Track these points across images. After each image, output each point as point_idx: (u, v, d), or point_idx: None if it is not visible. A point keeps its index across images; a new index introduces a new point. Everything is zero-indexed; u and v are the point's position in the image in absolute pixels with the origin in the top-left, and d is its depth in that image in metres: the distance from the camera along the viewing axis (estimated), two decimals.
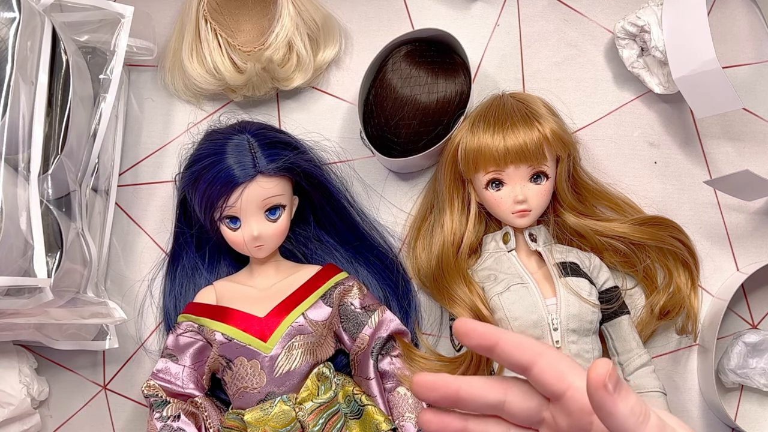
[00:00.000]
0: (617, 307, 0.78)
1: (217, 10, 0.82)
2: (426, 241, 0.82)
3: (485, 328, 0.42)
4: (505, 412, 0.43)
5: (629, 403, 0.37)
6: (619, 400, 0.36)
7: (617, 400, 0.36)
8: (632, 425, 0.37)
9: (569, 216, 0.80)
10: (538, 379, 0.41)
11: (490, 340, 0.42)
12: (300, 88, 0.86)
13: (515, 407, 0.43)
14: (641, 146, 0.86)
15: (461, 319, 0.42)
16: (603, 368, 0.36)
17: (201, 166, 0.75)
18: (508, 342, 0.41)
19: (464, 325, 0.42)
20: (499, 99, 0.79)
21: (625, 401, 0.37)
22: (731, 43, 0.86)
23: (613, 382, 0.36)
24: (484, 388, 0.43)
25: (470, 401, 0.43)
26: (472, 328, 0.42)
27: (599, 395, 0.36)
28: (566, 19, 0.87)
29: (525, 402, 0.43)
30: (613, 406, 0.36)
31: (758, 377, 0.81)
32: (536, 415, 0.42)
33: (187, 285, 0.83)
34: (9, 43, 0.65)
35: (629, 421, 0.36)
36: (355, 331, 0.78)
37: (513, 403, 0.43)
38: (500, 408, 0.43)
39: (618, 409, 0.36)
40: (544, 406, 0.42)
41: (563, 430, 0.41)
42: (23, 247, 0.65)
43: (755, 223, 0.86)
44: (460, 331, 0.42)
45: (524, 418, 0.43)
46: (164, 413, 0.74)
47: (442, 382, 0.43)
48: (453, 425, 0.44)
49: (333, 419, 0.74)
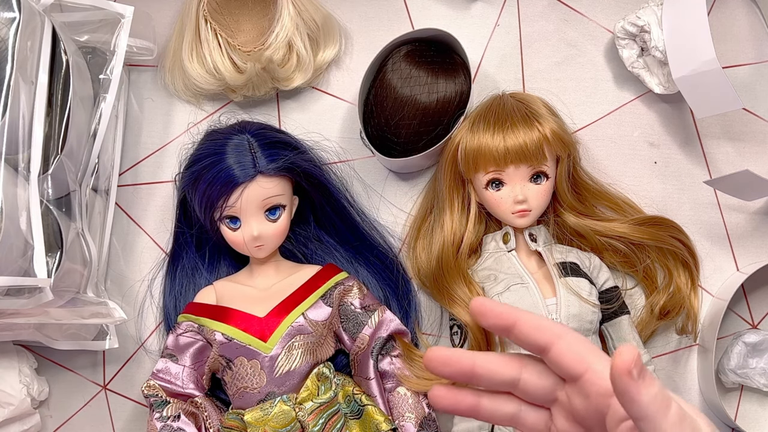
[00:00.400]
0: (617, 307, 0.78)
1: (217, 10, 0.82)
2: (426, 241, 0.82)
3: (503, 308, 0.41)
4: (519, 390, 0.43)
5: (652, 390, 0.37)
6: (642, 387, 0.36)
7: (641, 387, 0.36)
8: (654, 412, 0.36)
9: (569, 216, 0.80)
10: (556, 360, 0.40)
11: (508, 320, 0.41)
12: (300, 88, 0.86)
13: (530, 385, 0.43)
14: (641, 146, 0.86)
15: (478, 298, 0.42)
16: (629, 355, 0.36)
17: (201, 166, 0.75)
18: (527, 323, 0.41)
19: (481, 304, 0.42)
20: (499, 99, 0.79)
21: (649, 389, 0.36)
22: (731, 43, 0.86)
23: (638, 369, 0.36)
24: (499, 364, 0.43)
25: (485, 377, 0.43)
26: (490, 308, 0.41)
27: (623, 381, 0.36)
28: (566, 19, 0.87)
29: (540, 381, 0.42)
30: (637, 393, 0.36)
31: (758, 377, 0.81)
32: (550, 394, 0.42)
33: (187, 285, 0.83)
34: (9, 43, 0.65)
35: (651, 409, 0.36)
36: (355, 331, 0.78)
37: (528, 381, 0.43)
38: (514, 385, 0.43)
39: (641, 396, 0.36)
40: (559, 385, 0.42)
41: (578, 412, 0.41)
42: (23, 247, 0.65)
43: (755, 223, 0.86)
44: (477, 311, 0.42)
45: (538, 396, 0.43)
46: (164, 413, 0.74)
47: (456, 356, 0.42)
48: (466, 401, 0.44)
49: (333, 419, 0.74)
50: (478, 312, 0.42)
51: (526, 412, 0.44)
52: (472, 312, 0.42)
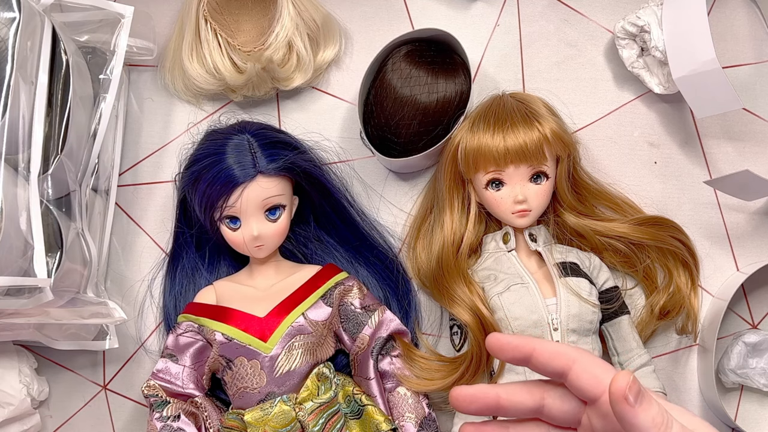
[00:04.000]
0: (617, 307, 0.78)
1: (217, 10, 0.82)
2: (426, 241, 0.82)
3: (519, 340, 0.43)
4: (544, 415, 0.44)
5: (650, 413, 0.38)
6: (640, 411, 0.38)
7: (638, 411, 0.37)
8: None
9: (569, 216, 0.80)
10: (574, 384, 0.42)
11: (525, 351, 0.43)
12: (300, 88, 0.86)
13: (554, 410, 0.44)
14: (641, 146, 0.86)
15: (494, 335, 0.43)
16: (623, 380, 0.37)
17: (201, 166, 0.75)
18: (544, 351, 0.42)
19: (498, 340, 0.43)
20: (499, 99, 0.79)
21: (646, 412, 0.38)
22: (731, 43, 0.86)
23: (634, 394, 0.37)
24: (522, 393, 0.44)
25: (510, 408, 0.44)
26: (507, 342, 0.43)
27: (620, 407, 0.38)
28: (566, 19, 0.87)
29: (563, 405, 0.44)
30: (634, 417, 0.37)
31: (758, 377, 0.81)
32: (575, 416, 0.44)
33: (187, 285, 0.83)
34: (9, 43, 0.65)
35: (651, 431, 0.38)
36: (355, 331, 0.78)
37: (552, 406, 0.44)
38: (539, 411, 0.44)
39: (639, 420, 0.38)
40: (581, 408, 0.43)
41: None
42: (23, 247, 0.65)
43: (755, 223, 0.86)
44: (494, 347, 0.43)
45: (563, 419, 0.44)
46: (164, 413, 0.74)
47: (481, 393, 0.44)
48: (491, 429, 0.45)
49: (333, 419, 0.74)
50: (496, 348, 0.43)
51: None
52: (490, 349, 0.43)
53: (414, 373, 0.77)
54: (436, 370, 0.76)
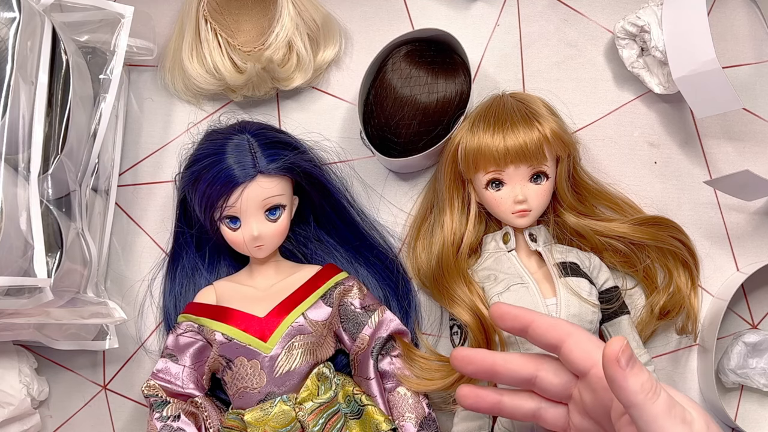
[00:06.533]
0: (617, 307, 0.78)
1: (217, 10, 0.82)
2: (426, 241, 0.82)
3: (519, 311, 0.46)
4: (537, 387, 0.46)
5: (640, 379, 0.39)
6: (630, 374, 0.39)
7: (628, 374, 0.39)
8: (641, 400, 0.38)
9: (569, 216, 0.80)
10: (566, 357, 0.43)
11: (524, 322, 0.46)
12: (300, 88, 0.86)
13: (546, 382, 0.46)
14: (641, 146, 0.86)
15: (497, 304, 0.46)
16: (617, 344, 0.39)
17: (201, 166, 0.75)
18: (542, 323, 0.45)
19: (499, 308, 0.47)
20: (499, 99, 0.79)
21: (636, 377, 0.39)
22: (731, 43, 0.86)
23: (626, 358, 0.39)
24: (517, 362, 0.47)
25: (505, 374, 0.47)
26: (507, 311, 0.46)
27: (611, 369, 0.39)
28: (566, 19, 0.87)
29: (556, 378, 0.46)
30: (623, 380, 0.39)
31: (758, 377, 0.81)
32: (566, 390, 0.45)
33: (187, 285, 0.83)
34: (9, 43, 0.65)
35: (639, 396, 0.38)
36: (355, 331, 0.78)
37: (544, 379, 0.46)
38: (532, 383, 0.46)
39: (628, 383, 0.39)
40: (573, 382, 0.45)
41: (588, 406, 0.44)
42: (23, 247, 0.65)
43: (755, 223, 0.86)
44: (496, 315, 0.46)
45: (555, 392, 0.46)
46: (164, 413, 0.74)
47: (479, 356, 0.47)
48: (489, 398, 0.48)
49: (333, 419, 0.74)
50: (497, 316, 0.46)
51: (546, 408, 0.47)
52: (492, 316, 0.46)
53: (414, 373, 0.77)
54: (436, 370, 0.76)
